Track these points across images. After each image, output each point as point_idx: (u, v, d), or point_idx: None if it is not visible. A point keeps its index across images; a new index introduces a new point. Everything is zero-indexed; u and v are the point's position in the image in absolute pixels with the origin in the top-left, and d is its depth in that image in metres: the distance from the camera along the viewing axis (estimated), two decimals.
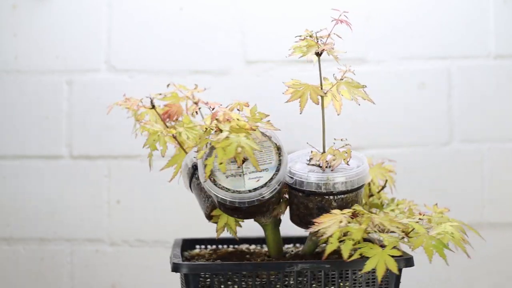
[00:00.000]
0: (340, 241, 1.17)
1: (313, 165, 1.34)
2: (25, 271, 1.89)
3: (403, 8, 1.88)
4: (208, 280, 1.27)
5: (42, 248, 1.88)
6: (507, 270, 1.89)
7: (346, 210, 1.25)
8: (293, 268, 1.24)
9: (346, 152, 1.33)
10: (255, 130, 1.28)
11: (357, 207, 1.27)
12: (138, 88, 1.88)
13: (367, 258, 1.18)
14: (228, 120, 1.27)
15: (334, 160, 1.32)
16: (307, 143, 1.39)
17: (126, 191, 1.88)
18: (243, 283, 1.27)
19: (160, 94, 1.47)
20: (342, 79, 1.36)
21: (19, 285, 1.89)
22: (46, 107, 1.88)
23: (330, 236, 1.17)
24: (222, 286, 1.27)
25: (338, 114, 1.33)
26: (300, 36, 1.36)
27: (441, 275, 1.89)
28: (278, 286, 1.26)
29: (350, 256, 1.17)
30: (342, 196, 1.31)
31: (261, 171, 1.29)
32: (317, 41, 1.35)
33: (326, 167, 1.32)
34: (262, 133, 1.31)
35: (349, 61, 1.89)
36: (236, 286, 1.27)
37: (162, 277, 1.85)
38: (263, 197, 1.29)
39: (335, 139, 1.34)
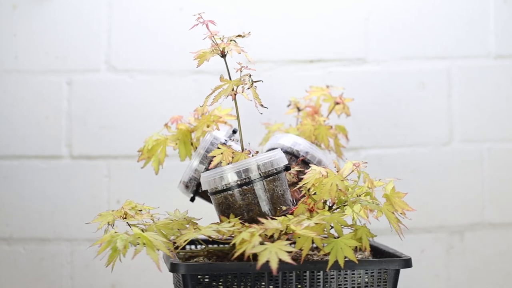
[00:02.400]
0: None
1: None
2: (25, 271, 1.89)
3: (403, 8, 1.89)
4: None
5: (42, 248, 1.88)
6: (507, 270, 1.89)
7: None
8: None
9: (233, 152, 1.34)
10: (192, 132, 1.49)
11: (130, 203, 1.35)
12: (138, 88, 1.88)
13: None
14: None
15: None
16: (249, 143, 1.44)
17: (126, 191, 1.88)
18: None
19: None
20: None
21: (19, 285, 1.89)
22: (46, 107, 1.88)
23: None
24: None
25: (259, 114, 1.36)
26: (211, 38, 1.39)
27: (441, 275, 1.89)
28: None
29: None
30: (213, 196, 1.33)
31: None
32: (216, 43, 1.37)
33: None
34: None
35: (349, 61, 1.90)
36: None
37: (162, 277, 1.85)
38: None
39: (226, 139, 1.38)
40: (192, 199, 1.45)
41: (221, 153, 1.33)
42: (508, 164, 1.89)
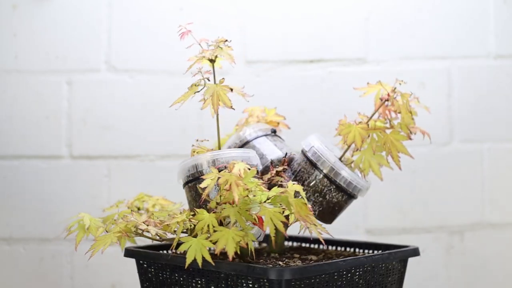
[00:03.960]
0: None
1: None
2: (25, 271, 1.89)
3: (403, 8, 1.89)
4: None
5: (42, 248, 1.89)
6: (507, 270, 1.89)
7: None
8: None
9: (196, 152, 1.38)
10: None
11: (140, 194, 1.48)
12: (138, 88, 1.88)
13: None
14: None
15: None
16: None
17: (126, 191, 1.88)
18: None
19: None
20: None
21: (19, 285, 1.89)
22: (46, 107, 1.88)
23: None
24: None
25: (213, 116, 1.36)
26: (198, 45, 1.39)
27: (441, 275, 1.89)
28: None
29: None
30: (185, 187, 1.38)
31: None
32: (202, 50, 1.38)
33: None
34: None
35: (349, 61, 1.90)
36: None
37: None
38: None
39: (196, 140, 1.39)
40: None
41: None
42: (508, 164, 1.89)
